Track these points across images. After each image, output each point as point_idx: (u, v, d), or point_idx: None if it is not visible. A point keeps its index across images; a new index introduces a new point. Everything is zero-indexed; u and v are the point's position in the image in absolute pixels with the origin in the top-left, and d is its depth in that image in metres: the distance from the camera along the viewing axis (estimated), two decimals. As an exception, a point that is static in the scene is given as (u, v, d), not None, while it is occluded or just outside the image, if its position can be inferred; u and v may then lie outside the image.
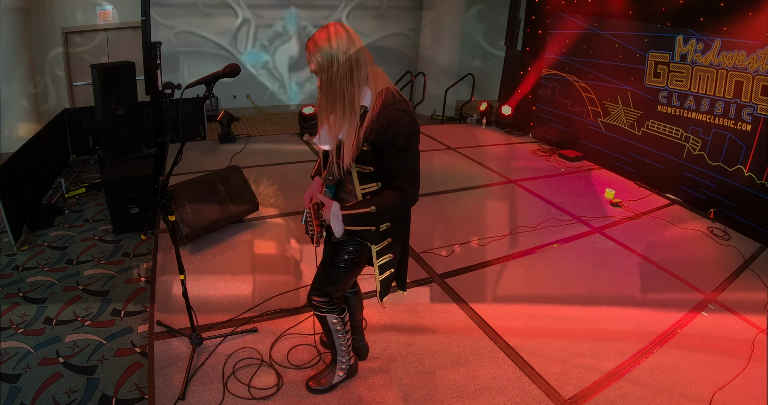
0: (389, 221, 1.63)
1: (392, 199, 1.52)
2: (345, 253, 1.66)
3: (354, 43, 1.40)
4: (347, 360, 1.95)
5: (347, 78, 1.40)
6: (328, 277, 1.72)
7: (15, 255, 3.16)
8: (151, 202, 3.53)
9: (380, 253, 1.67)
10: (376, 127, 1.43)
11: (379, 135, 1.43)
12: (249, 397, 1.92)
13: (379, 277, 1.71)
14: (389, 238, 1.67)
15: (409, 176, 1.52)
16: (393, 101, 1.44)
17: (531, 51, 6.13)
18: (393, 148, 1.44)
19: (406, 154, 1.48)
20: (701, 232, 3.81)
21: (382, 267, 1.70)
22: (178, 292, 2.26)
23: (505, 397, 2.01)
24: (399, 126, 1.42)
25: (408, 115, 1.45)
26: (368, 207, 1.51)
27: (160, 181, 1.80)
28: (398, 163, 1.48)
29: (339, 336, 1.85)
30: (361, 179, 1.55)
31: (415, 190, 1.55)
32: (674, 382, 2.15)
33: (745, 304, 2.84)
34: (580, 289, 2.87)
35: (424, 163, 4.99)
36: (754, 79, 3.66)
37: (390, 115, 1.41)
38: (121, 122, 4.31)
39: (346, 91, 1.41)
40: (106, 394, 2.02)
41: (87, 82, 6.44)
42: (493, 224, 3.67)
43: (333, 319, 1.79)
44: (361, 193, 1.56)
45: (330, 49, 1.37)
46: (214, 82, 1.60)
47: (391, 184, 1.53)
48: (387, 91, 1.46)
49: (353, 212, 1.53)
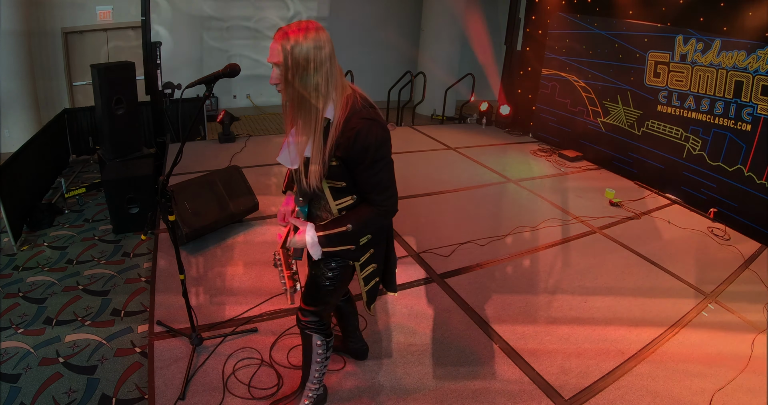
0: (370, 233, 1.53)
1: (369, 215, 1.42)
2: (328, 270, 1.56)
3: (332, 49, 1.28)
4: (316, 389, 1.81)
5: (318, 86, 1.26)
6: (315, 296, 1.63)
7: (15, 255, 3.16)
8: (151, 202, 3.53)
9: (363, 266, 1.59)
10: (343, 140, 1.30)
11: (346, 149, 1.31)
12: (249, 397, 1.92)
13: (365, 289, 1.64)
14: (371, 249, 1.58)
15: (384, 188, 1.40)
16: (358, 110, 1.31)
17: (531, 51, 6.13)
18: (363, 161, 1.32)
19: (378, 165, 1.35)
20: (701, 232, 3.81)
21: (367, 278, 1.63)
22: (178, 292, 2.25)
23: (505, 397, 2.01)
24: (367, 137, 1.29)
25: (376, 123, 1.32)
26: (344, 225, 1.40)
27: (160, 181, 1.80)
28: (371, 176, 1.36)
29: (318, 360, 1.73)
30: (334, 194, 1.44)
31: (392, 201, 1.43)
32: (674, 382, 2.15)
33: (745, 305, 2.84)
34: (580, 289, 2.87)
35: (425, 163, 5.03)
36: (754, 79, 3.66)
37: (356, 126, 1.29)
38: (121, 122, 4.31)
39: (315, 101, 1.27)
40: (106, 394, 2.02)
41: (87, 82, 6.44)
42: (493, 224, 3.67)
43: (318, 340, 1.69)
44: (336, 208, 1.46)
45: (308, 46, 1.22)
46: (214, 82, 1.60)
47: (366, 198, 1.42)
48: (350, 98, 1.33)
49: (329, 233, 1.41)
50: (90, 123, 5.30)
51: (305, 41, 1.22)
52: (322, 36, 1.24)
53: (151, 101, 5.09)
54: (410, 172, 4.70)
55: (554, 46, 5.72)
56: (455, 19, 7.85)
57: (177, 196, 3.00)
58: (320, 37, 1.24)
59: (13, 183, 3.43)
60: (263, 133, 6.53)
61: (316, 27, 1.25)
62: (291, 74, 1.24)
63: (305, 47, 1.22)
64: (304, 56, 1.22)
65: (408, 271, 2.93)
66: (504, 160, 5.33)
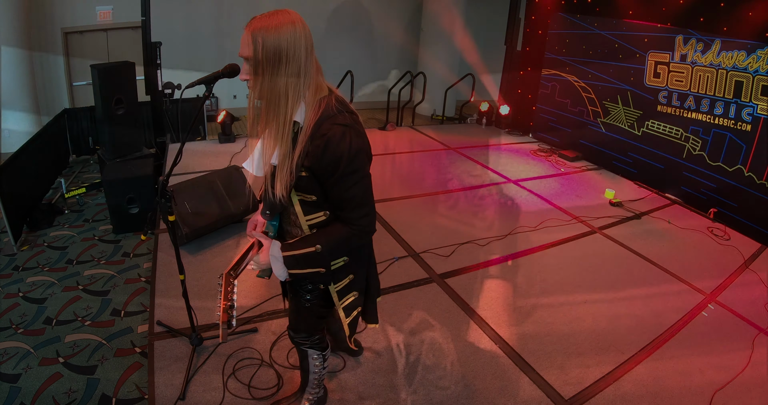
0: (345, 255, 1.38)
1: (341, 235, 1.25)
2: (306, 293, 1.45)
3: (309, 43, 1.13)
4: (316, 393, 1.82)
5: (291, 85, 1.12)
6: (301, 317, 1.55)
7: (15, 255, 3.16)
8: (151, 202, 3.53)
9: (342, 294, 1.44)
10: (312, 148, 1.15)
11: (315, 159, 1.15)
12: (249, 397, 1.92)
13: (347, 320, 1.50)
14: (350, 274, 1.43)
15: (359, 205, 1.22)
16: (332, 114, 1.15)
17: (531, 51, 6.13)
18: (334, 173, 1.16)
19: (352, 179, 1.18)
20: (701, 232, 3.81)
21: (348, 309, 1.48)
22: (178, 292, 2.25)
23: (505, 397, 2.01)
24: (339, 146, 1.13)
25: (351, 129, 1.16)
26: (312, 246, 1.24)
27: (160, 181, 1.80)
28: (343, 191, 1.19)
29: (315, 371, 1.71)
30: (304, 209, 1.28)
31: (368, 220, 1.26)
32: (674, 382, 2.15)
33: (745, 304, 2.84)
34: (580, 289, 2.87)
35: (425, 163, 5.03)
36: (754, 79, 3.66)
37: (327, 132, 1.13)
38: (121, 122, 4.30)
39: (284, 101, 1.13)
40: (106, 394, 2.02)
41: (87, 82, 6.44)
42: (493, 224, 3.66)
43: (314, 354, 1.64)
44: (307, 225, 1.30)
45: (281, 38, 1.08)
46: (214, 82, 1.60)
47: (339, 215, 1.27)
48: (325, 100, 1.18)
49: (295, 253, 1.26)
50: (90, 123, 5.30)
51: (277, 32, 1.08)
52: (297, 27, 1.10)
53: (151, 101, 5.09)
54: (410, 172, 4.70)
55: (554, 46, 5.72)
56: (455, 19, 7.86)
57: (177, 196, 3.00)
58: (296, 28, 1.10)
59: (13, 183, 3.43)
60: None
61: (291, 18, 1.10)
62: (261, 69, 1.11)
63: (277, 39, 1.08)
64: (275, 48, 1.08)
65: (408, 271, 2.93)
66: (504, 160, 5.33)
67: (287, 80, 1.11)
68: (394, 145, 5.61)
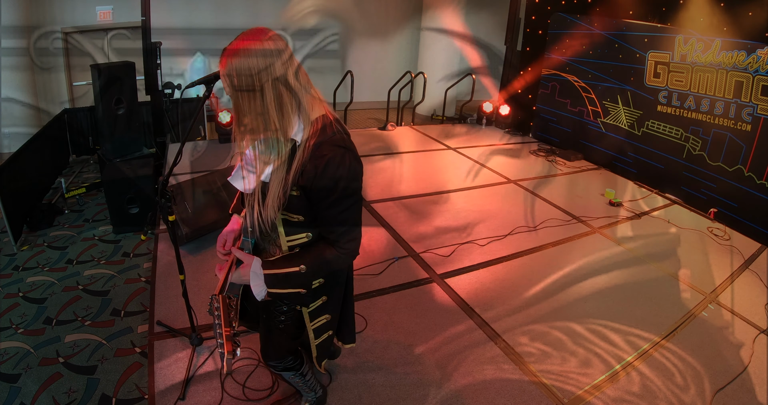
0: (323, 277, 1.35)
1: (326, 257, 1.22)
2: (280, 314, 1.40)
3: (288, 62, 1.08)
4: (314, 395, 1.82)
5: (278, 105, 1.08)
6: (273, 342, 1.48)
7: (15, 255, 3.16)
8: (151, 202, 3.53)
9: (314, 315, 1.41)
10: (309, 169, 1.12)
11: (312, 179, 1.12)
12: (244, 398, 1.91)
13: (315, 342, 1.47)
14: (323, 296, 1.39)
15: (349, 230, 1.21)
16: (331, 135, 1.14)
17: (531, 51, 6.13)
18: (330, 196, 1.14)
19: (347, 202, 1.17)
20: (701, 232, 3.81)
21: (318, 331, 1.45)
22: (178, 292, 2.25)
23: (505, 397, 2.01)
24: (339, 168, 1.11)
25: (349, 152, 1.14)
26: (297, 265, 1.20)
27: (160, 181, 1.80)
28: (337, 213, 1.17)
29: (299, 385, 1.71)
30: (287, 229, 1.24)
31: (355, 244, 1.23)
32: (674, 382, 2.15)
33: (745, 304, 2.84)
34: (580, 289, 2.87)
35: (425, 163, 5.03)
36: (754, 79, 3.66)
37: (327, 153, 1.11)
38: (121, 122, 4.30)
39: (278, 121, 1.09)
40: (106, 394, 2.02)
41: (87, 82, 6.44)
42: (493, 224, 3.66)
43: (290, 375, 1.62)
44: (287, 245, 1.26)
45: (260, 62, 1.04)
46: (214, 82, 1.60)
47: (326, 237, 1.23)
48: (322, 119, 1.16)
49: (278, 272, 1.22)
50: (90, 123, 5.30)
51: (247, 58, 1.03)
52: (268, 48, 1.04)
53: (151, 101, 5.09)
54: (410, 172, 4.70)
55: (554, 46, 5.72)
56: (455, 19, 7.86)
57: (177, 196, 3.00)
58: (265, 50, 1.04)
59: (13, 183, 3.43)
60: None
61: (262, 37, 1.05)
62: (240, 94, 1.07)
63: (247, 66, 1.03)
64: (245, 76, 1.04)
65: (408, 271, 2.93)
66: (504, 160, 5.33)
67: (270, 103, 1.07)
68: (394, 145, 5.61)
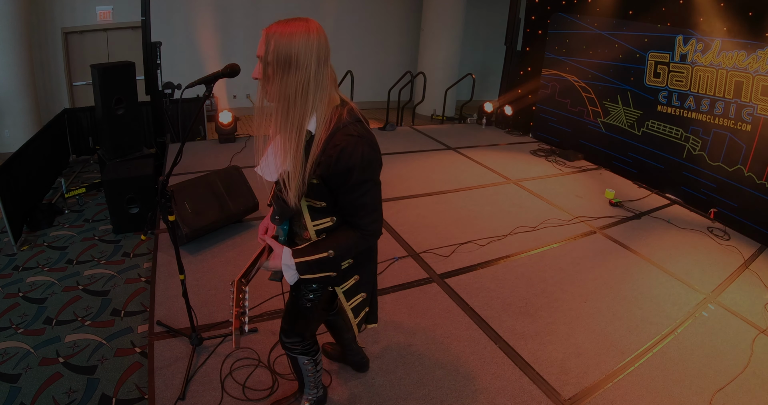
0: (352, 257, 1.42)
1: (352, 240, 1.30)
2: (309, 292, 1.46)
3: (324, 54, 1.14)
4: (315, 393, 1.82)
5: (303, 93, 1.13)
6: (296, 318, 1.55)
7: (15, 255, 3.16)
8: (151, 202, 3.53)
9: (350, 294, 1.48)
10: (325, 158, 1.17)
11: (328, 168, 1.18)
12: (244, 398, 1.91)
13: (356, 321, 1.55)
14: (356, 275, 1.46)
15: (369, 212, 1.28)
16: (343, 125, 1.18)
17: (531, 51, 6.13)
18: (346, 182, 1.19)
19: (363, 188, 1.22)
20: (701, 232, 3.81)
21: (356, 309, 1.53)
22: (178, 292, 2.26)
23: (505, 397, 2.01)
24: (352, 156, 1.16)
25: (364, 140, 1.19)
26: (325, 251, 1.28)
27: (160, 181, 1.80)
28: (355, 199, 1.24)
29: (309, 374, 1.72)
30: (312, 215, 1.32)
31: (377, 225, 1.32)
32: (674, 382, 2.15)
33: (745, 304, 2.84)
34: (580, 289, 2.87)
35: (425, 163, 5.03)
36: (754, 79, 3.66)
37: (340, 143, 1.16)
38: (121, 122, 4.31)
39: (295, 108, 1.14)
40: (106, 394, 2.02)
41: (87, 82, 6.45)
42: (493, 224, 3.67)
43: (304, 360, 1.65)
44: (314, 230, 1.34)
45: (293, 45, 1.10)
46: (214, 82, 1.60)
47: (349, 221, 1.31)
48: (338, 110, 1.20)
49: (308, 259, 1.29)
50: (90, 123, 5.31)
51: (289, 39, 1.10)
52: (313, 37, 1.12)
53: (151, 101, 5.09)
54: (410, 172, 4.70)
55: (554, 46, 5.72)
56: (455, 19, 7.86)
57: (177, 196, 3.00)
58: (309, 37, 1.11)
59: (13, 183, 3.43)
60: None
61: (307, 27, 1.12)
62: (271, 70, 1.13)
63: (288, 45, 1.10)
64: (285, 54, 1.10)
65: (408, 271, 2.93)
66: (504, 160, 5.33)
67: (296, 87, 1.12)
68: (394, 145, 5.61)
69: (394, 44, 8.70)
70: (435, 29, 7.98)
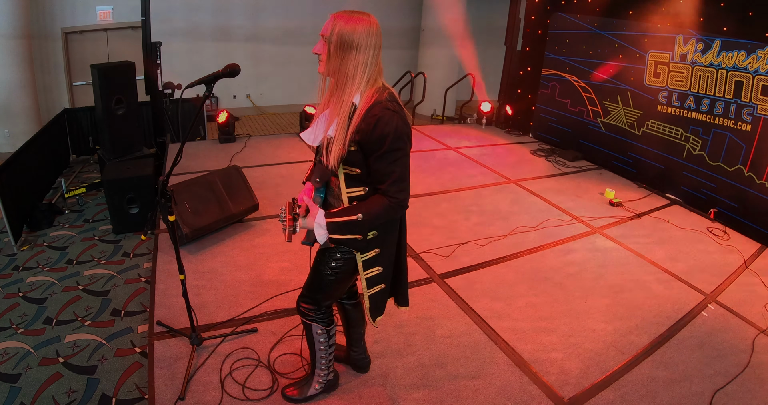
0: (376, 230, 1.53)
1: (380, 206, 1.43)
2: (332, 260, 1.58)
3: (378, 43, 1.38)
4: (326, 375, 1.88)
5: (358, 73, 1.35)
6: (317, 284, 1.66)
7: (15, 255, 3.16)
8: (151, 202, 3.53)
9: (367, 265, 1.58)
10: (363, 126, 1.36)
11: (365, 135, 1.36)
12: (244, 398, 1.91)
13: (368, 292, 1.62)
14: (376, 248, 1.57)
15: (398, 180, 1.41)
16: (382, 101, 1.37)
17: (531, 51, 6.13)
18: (380, 149, 1.36)
19: (394, 156, 1.39)
20: (701, 232, 3.81)
21: (371, 281, 1.61)
22: (178, 292, 2.26)
23: (505, 397, 2.01)
24: (387, 125, 1.34)
25: (398, 115, 1.37)
26: (354, 214, 1.42)
27: (160, 181, 1.80)
28: (385, 165, 1.39)
29: (321, 348, 1.78)
30: (347, 182, 1.47)
31: (404, 195, 1.44)
32: (674, 383, 2.15)
33: (745, 304, 2.84)
34: (580, 289, 2.87)
35: (425, 162, 5.03)
36: (754, 79, 3.66)
37: (378, 113, 1.35)
38: (121, 122, 4.31)
39: (346, 82, 1.37)
40: (106, 394, 2.02)
41: (87, 82, 6.44)
42: (493, 224, 3.67)
43: (318, 329, 1.73)
44: (347, 197, 1.48)
45: (356, 31, 1.32)
46: (214, 82, 1.60)
47: (379, 189, 1.44)
48: (378, 91, 1.40)
49: (338, 220, 1.44)
50: (90, 123, 5.30)
51: (353, 25, 1.32)
52: (374, 28, 1.35)
53: (151, 101, 5.09)
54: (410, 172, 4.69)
55: (554, 46, 5.72)
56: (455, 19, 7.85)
57: (177, 196, 3.00)
58: (371, 28, 1.34)
59: (13, 183, 3.43)
60: (263, 133, 6.53)
61: (370, 20, 1.35)
62: (333, 48, 1.34)
63: (353, 31, 1.31)
64: (348, 38, 1.32)
65: (408, 271, 2.92)
66: (504, 160, 5.33)
67: (351, 67, 1.35)
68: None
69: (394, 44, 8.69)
70: (435, 29, 7.98)
